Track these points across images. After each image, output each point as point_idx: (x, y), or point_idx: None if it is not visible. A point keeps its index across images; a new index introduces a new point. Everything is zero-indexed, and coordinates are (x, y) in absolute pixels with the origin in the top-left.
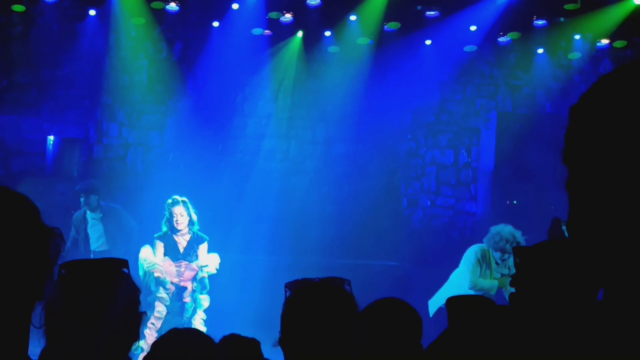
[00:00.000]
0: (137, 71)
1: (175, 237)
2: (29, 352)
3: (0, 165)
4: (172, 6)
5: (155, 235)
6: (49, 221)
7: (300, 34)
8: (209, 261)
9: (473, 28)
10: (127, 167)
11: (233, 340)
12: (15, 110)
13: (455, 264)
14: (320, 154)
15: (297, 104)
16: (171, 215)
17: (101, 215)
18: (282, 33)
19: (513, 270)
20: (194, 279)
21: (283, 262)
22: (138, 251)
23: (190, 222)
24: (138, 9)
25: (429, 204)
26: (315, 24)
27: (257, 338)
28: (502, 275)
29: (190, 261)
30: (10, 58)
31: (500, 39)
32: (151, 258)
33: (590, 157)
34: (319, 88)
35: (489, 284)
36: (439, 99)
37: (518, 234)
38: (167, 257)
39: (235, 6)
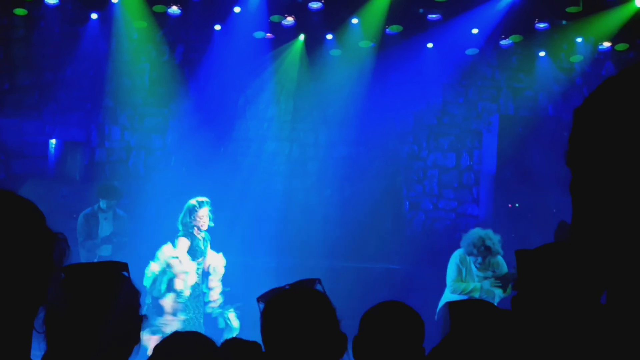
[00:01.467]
0: (139, 74)
1: (197, 236)
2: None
3: (1, 168)
4: (174, 9)
5: (179, 235)
6: (51, 224)
7: (302, 37)
8: (215, 260)
9: (475, 31)
10: (129, 170)
11: (234, 343)
12: (17, 113)
13: None
14: (322, 157)
15: (299, 107)
16: (195, 216)
17: (113, 217)
18: (284, 36)
19: (497, 272)
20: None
21: (285, 265)
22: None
23: (210, 221)
24: (140, 12)
25: (430, 206)
26: (317, 27)
27: (258, 341)
28: (486, 277)
29: (205, 257)
30: (13, 61)
31: (502, 42)
32: (181, 256)
33: (595, 160)
34: (321, 91)
35: (472, 286)
36: (441, 101)
37: (495, 238)
38: (188, 256)
39: (237, 9)
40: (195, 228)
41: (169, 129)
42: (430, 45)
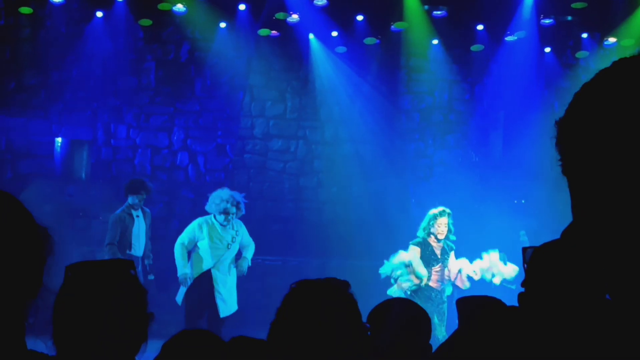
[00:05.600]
0: (144, 73)
1: (432, 244)
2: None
3: (8, 167)
4: (180, 7)
5: (411, 242)
6: (58, 223)
7: (311, 35)
8: (454, 267)
9: (480, 27)
10: (136, 168)
11: (241, 341)
12: (24, 113)
13: None
14: (329, 155)
15: (305, 105)
16: (434, 224)
17: (143, 215)
18: (289, 34)
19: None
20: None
21: (291, 263)
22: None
23: (449, 232)
24: (145, 11)
25: (437, 204)
26: (322, 25)
27: (265, 339)
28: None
29: (445, 266)
30: (18, 60)
31: (508, 38)
32: (414, 262)
33: (591, 161)
34: (327, 88)
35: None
36: (447, 98)
37: (237, 195)
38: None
39: (242, 7)
40: (432, 236)
41: (175, 127)
42: (435, 42)
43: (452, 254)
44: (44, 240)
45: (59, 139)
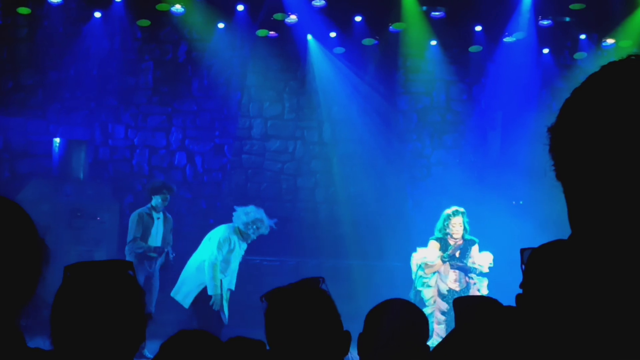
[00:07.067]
0: (142, 73)
1: (451, 242)
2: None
3: (6, 167)
4: (178, 8)
5: (431, 238)
6: (55, 223)
7: (309, 36)
8: (481, 261)
9: (478, 28)
10: (133, 169)
11: (239, 342)
12: (21, 112)
13: None
14: (326, 155)
15: (303, 105)
16: (448, 224)
17: (164, 219)
18: (287, 34)
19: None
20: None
21: (289, 264)
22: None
23: (465, 230)
24: (143, 11)
25: (434, 204)
26: (320, 25)
27: (263, 340)
28: None
29: (464, 264)
30: (16, 60)
31: (506, 39)
32: (430, 257)
33: (583, 166)
34: (325, 89)
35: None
36: (445, 99)
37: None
38: (446, 261)
39: (240, 7)
40: (448, 235)
41: (173, 127)
42: (433, 42)
43: (473, 248)
44: (42, 251)
45: (56, 139)
